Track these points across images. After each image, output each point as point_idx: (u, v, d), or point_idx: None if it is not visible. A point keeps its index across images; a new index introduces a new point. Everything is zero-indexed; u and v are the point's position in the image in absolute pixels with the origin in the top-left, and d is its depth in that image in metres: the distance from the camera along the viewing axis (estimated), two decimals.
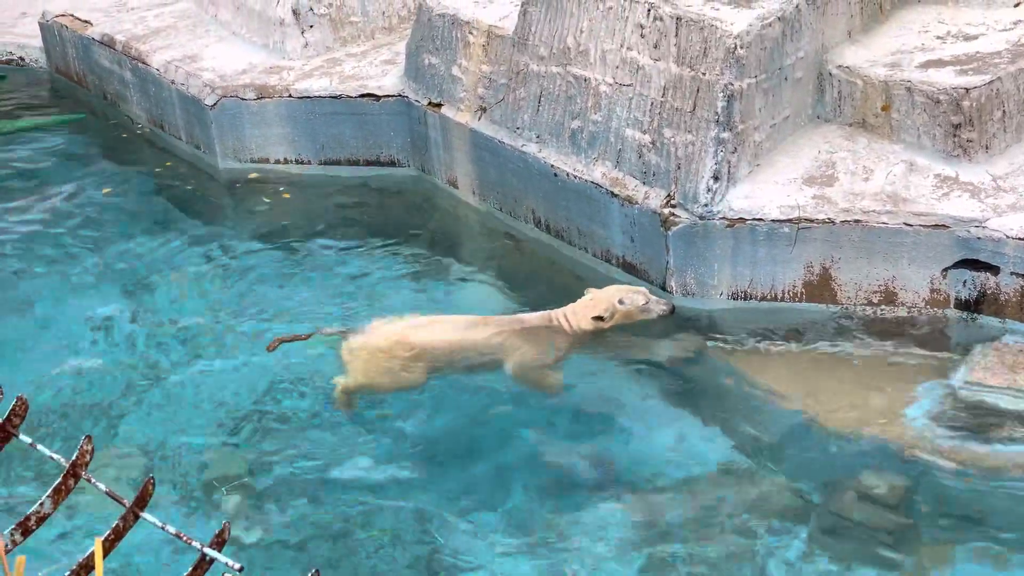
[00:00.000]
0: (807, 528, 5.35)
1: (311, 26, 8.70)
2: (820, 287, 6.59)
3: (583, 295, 6.36)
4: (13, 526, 2.59)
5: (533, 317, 6.32)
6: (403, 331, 6.13)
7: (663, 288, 6.78)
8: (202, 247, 7.78)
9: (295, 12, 8.66)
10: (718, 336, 6.55)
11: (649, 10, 6.70)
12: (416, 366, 6.07)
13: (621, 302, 6.24)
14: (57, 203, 8.45)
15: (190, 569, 2.57)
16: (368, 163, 8.45)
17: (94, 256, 7.75)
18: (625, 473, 5.76)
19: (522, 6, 7.32)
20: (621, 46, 6.84)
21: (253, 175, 8.52)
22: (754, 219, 6.52)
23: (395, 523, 5.51)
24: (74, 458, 2.61)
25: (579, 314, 6.25)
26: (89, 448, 2.60)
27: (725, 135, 6.49)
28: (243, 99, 8.45)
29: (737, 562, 5.19)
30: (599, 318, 6.21)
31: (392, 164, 8.42)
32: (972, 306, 6.38)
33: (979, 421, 5.76)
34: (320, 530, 5.50)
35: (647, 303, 6.30)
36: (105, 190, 8.54)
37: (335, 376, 6.22)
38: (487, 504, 5.61)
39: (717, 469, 5.73)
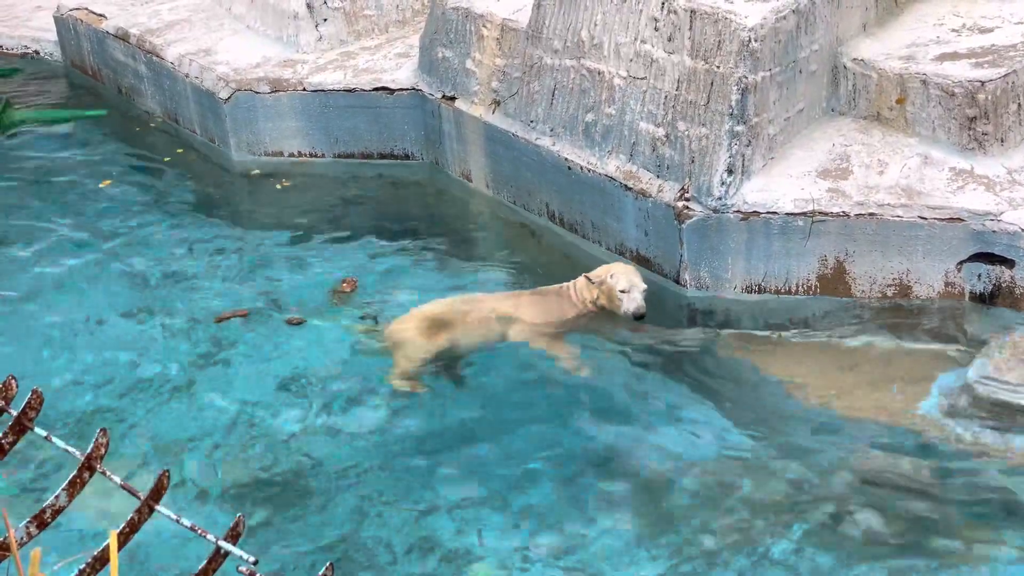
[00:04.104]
0: (821, 519, 5.34)
1: (325, 20, 8.71)
2: (834, 280, 6.57)
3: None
4: (28, 519, 2.59)
5: (550, 288, 6.70)
6: (429, 312, 6.49)
7: (676, 281, 6.78)
8: (215, 240, 7.80)
9: (309, 6, 8.67)
10: (732, 329, 6.55)
11: (663, 3, 6.68)
12: (442, 341, 6.39)
13: (612, 276, 6.44)
14: (68, 195, 8.47)
15: (205, 562, 2.58)
16: (382, 156, 8.46)
17: (104, 249, 7.75)
18: (636, 463, 5.75)
19: None
20: (635, 39, 6.83)
21: (267, 168, 8.53)
22: (768, 212, 6.51)
23: (408, 517, 5.51)
24: (89, 451, 2.61)
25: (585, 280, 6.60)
26: (104, 441, 2.61)
27: (739, 128, 6.48)
28: (257, 93, 8.46)
29: (752, 553, 5.19)
30: (588, 278, 6.50)
31: (406, 157, 8.42)
32: (987, 299, 6.37)
33: (994, 414, 5.74)
34: (334, 524, 5.50)
35: (628, 290, 6.39)
36: (105, 182, 8.54)
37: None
38: (497, 494, 5.61)
39: (731, 461, 5.72)
